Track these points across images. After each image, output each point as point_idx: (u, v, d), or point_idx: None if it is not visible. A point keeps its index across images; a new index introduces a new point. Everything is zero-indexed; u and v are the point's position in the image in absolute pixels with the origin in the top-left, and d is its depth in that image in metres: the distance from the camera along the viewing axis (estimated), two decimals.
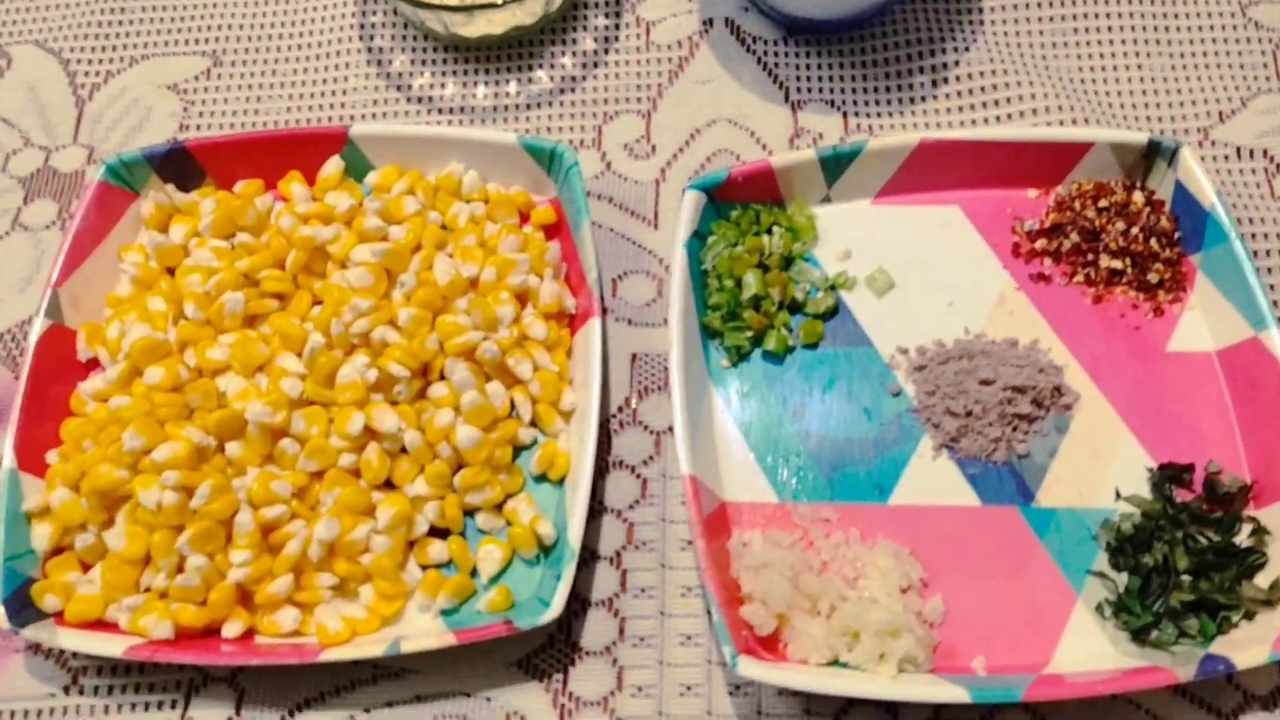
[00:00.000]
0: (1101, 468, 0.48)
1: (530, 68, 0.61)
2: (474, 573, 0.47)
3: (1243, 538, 0.46)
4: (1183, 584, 0.45)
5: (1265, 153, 0.56)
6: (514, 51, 0.62)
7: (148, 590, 0.46)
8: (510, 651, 0.46)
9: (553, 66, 0.61)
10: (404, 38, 0.63)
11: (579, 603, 0.47)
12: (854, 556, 0.46)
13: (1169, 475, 0.48)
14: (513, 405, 0.50)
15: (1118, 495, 0.48)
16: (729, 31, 0.62)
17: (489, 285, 0.51)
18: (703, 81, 0.61)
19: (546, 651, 0.46)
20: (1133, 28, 0.60)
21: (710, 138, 0.59)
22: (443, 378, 0.49)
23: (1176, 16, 0.60)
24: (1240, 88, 0.58)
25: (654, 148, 0.59)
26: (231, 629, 0.45)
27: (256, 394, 0.48)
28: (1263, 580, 0.45)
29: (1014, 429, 0.49)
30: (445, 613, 0.47)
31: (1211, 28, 0.60)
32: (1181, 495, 0.47)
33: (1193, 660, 0.42)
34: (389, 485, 0.48)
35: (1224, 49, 0.59)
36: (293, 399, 0.48)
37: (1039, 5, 0.61)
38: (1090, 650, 0.45)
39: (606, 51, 0.62)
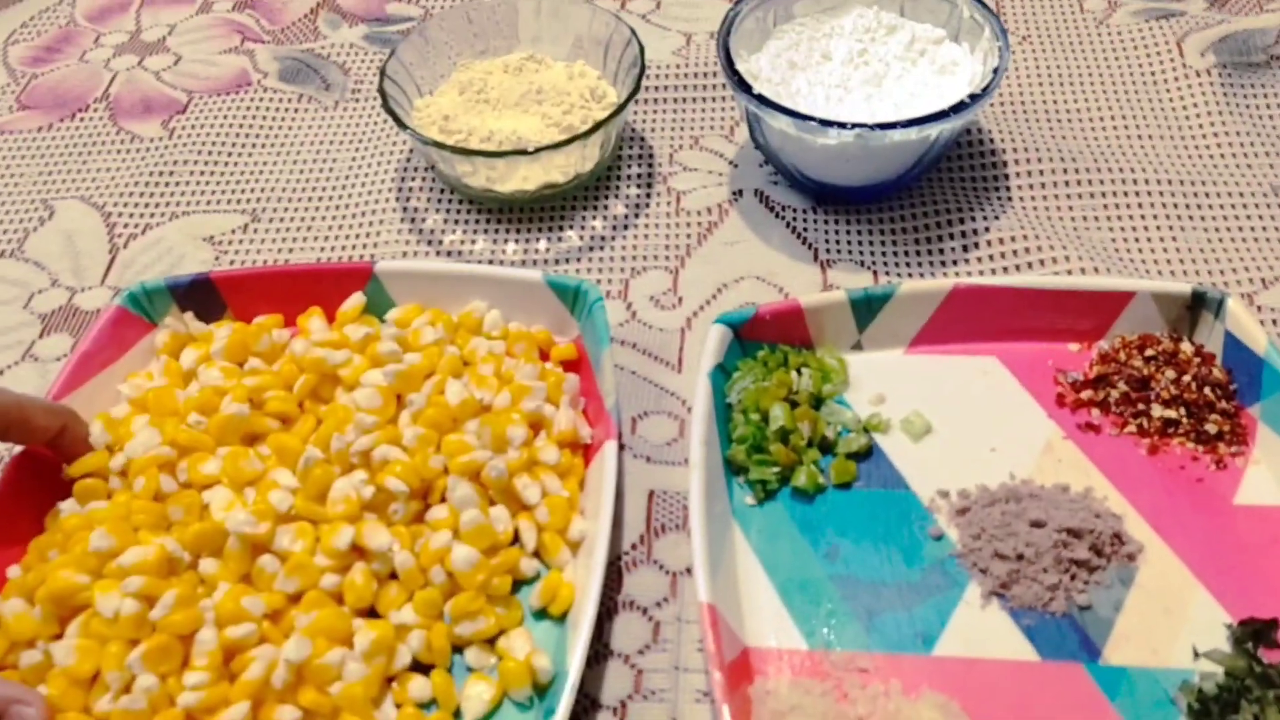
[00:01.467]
0: (1175, 624, 0.43)
1: (561, 228, 0.62)
2: (458, 715, 0.42)
3: None
4: None
5: None
6: (545, 213, 0.63)
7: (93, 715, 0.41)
8: None
9: (583, 227, 0.62)
10: (440, 200, 0.64)
11: None
12: (895, 710, 0.40)
13: (1252, 631, 0.42)
14: (517, 535, 0.46)
15: (1196, 654, 0.42)
16: (758, 200, 0.62)
17: (502, 410, 0.48)
18: (731, 243, 0.60)
19: None
20: (1164, 205, 0.60)
21: (738, 291, 0.58)
22: (444, 501, 0.46)
23: (1208, 195, 0.60)
24: None
25: (680, 299, 0.58)
26: None
27: (242, 506, 0.44)
28: None
29: (1072, 577, 0.44)
30: None
31: (1244, 205, 0.60)
32: (1268, 656, 0.41)
33: None
34: (373, 615, 0.44)
35: (1259, 224, 0.59)
36: (280, 513, 0.44)
37: (1068, 184, 0.62)
38: None
39: (637, 216, 0.62)
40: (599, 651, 0.44)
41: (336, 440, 0.46)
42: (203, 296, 0.55)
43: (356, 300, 0.54)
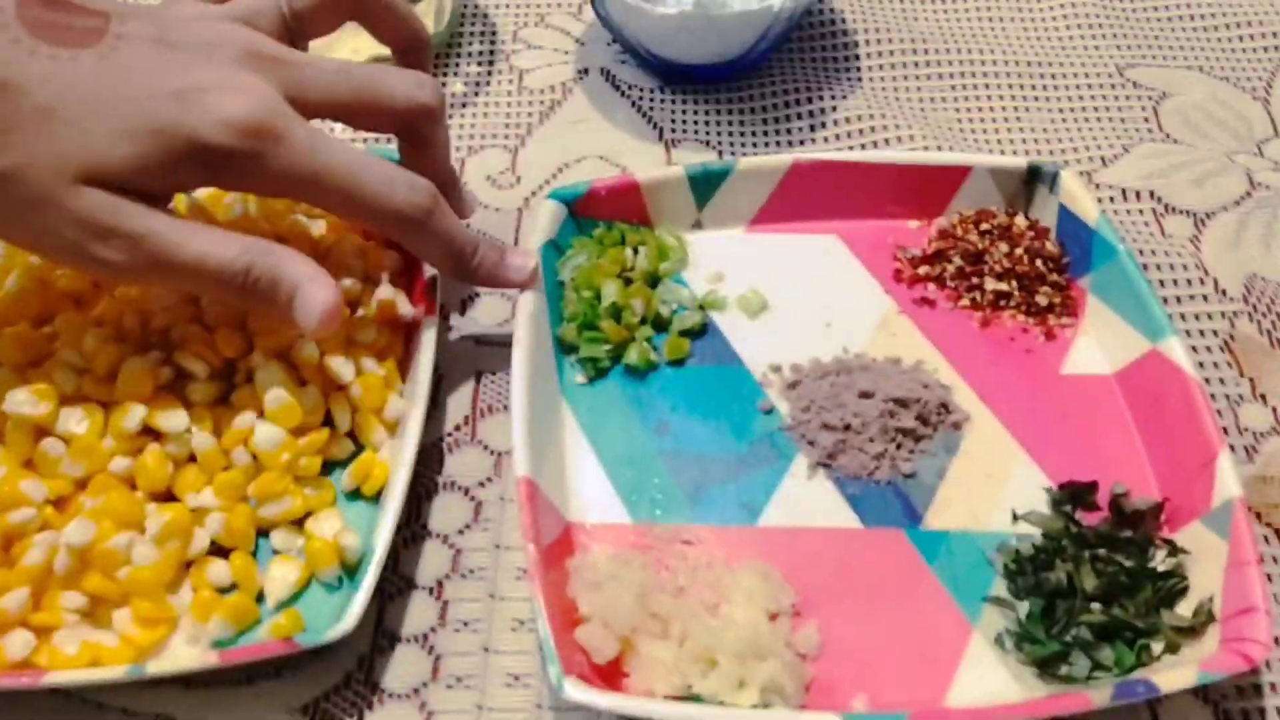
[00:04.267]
0: (996, 490, 0.43)
1: None
2: (261, 598, 0.39)
3: (1158, 562, 0.40)
4: (1092, 608, 0.38)
5: (1152, 194, 0.54)
6: None
7: None
8: (296, 694, 0.38)
9: None
10: None
11: (387, 638, 0.39)
12: (715, 579, 0.39)
13: (1071, 495, 0.42)
14: (331, 416, 0.43)
15: (1015, 517, 0.42)
16: (604, 79, 0.60)
17: None
18: (574, 122, 0.58)
19: (340, 693, 0.38)
20: (1010, 85, 0.60)
21: (579, 171, 0.55)
22: (251, 383, 0.43)
23: (1055, 76, 0.60)
24: (1122, 137, 0.57)
25: (519, 179, 0.55)
26: None
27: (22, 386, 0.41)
28: (1184, 609, 0.39)
29: (898, 446, 0.43)
30: (220, 644, 0.38)
31: (1090, 86, 0.59)
32: (1087, 520, 0.42)
33: (1109, 687, 0.35)
34: (171, 500, 0.41)
35: (1103, 105, 0.59)
36: (65, 393, 0.41)
37: (917, 64, 0.61)
38: (990, 688, 0.38)
39: (476, 94, 0.59)
40: (416, 532, 0.42)
41: (130, 319, 0.43)
42: None
43: None
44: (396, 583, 0.41)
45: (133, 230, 0.36)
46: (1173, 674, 0.35)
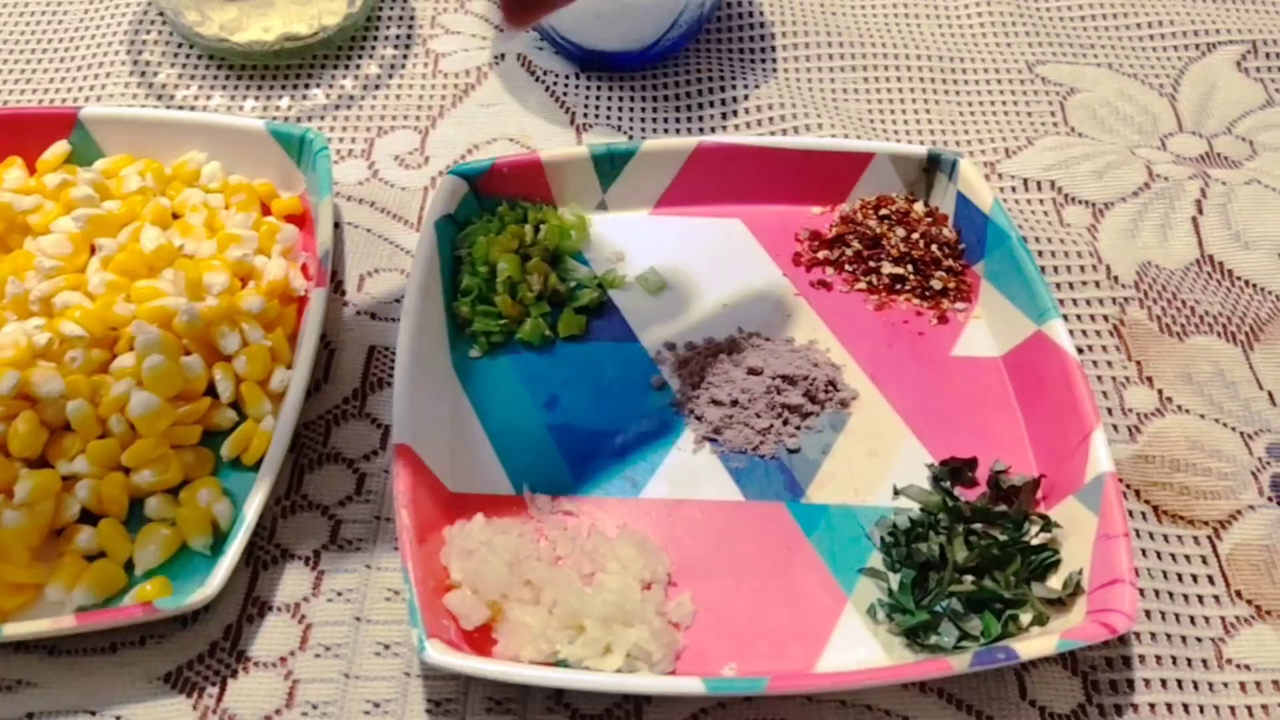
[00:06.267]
0: (880, 468, 0.43)
1: (306, 86, 0.58)
2: (132, 567, 0.39)
3: (1031, 536, 0.40)
4: (963, 579, 0.39)
5: (1053, 184, 0.55)
6: (290, 70, 0.59)
7: None
8: (159, 663, 0.37)
9: (330, 86, 0.58)
10: (175, 54, 0.59)
11: (257, 607, 0.39)
12: (593, 548, 0.39)
13: (950, 471, 0.42)
14: (214, 387, 0.43)
15: (896, 492, 0.42)
16: (520, 65, 0.60)
17: (203, 258, 0.45)
18: (487, 105, 0.58)
19: (204, 662, 0.37)
20: (921, 79, 0.60)
21: (489, 152, 0.55)
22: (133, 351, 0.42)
23: (965, 71, 0.61)
24: (1028, 130, 0.58)
25: (427, 159, 0.55)
26: None
27: None
28: (1055, 582, 0.39)
29: (784, 422, 0.44)
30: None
31: (1000, 81, 0.60)
32: (966, 496, 0.42)
33: (969, 654, 0.35)
34: (44, 466, 0.40)
35: (1011, 99, 0.59)
36: None
37: (830, 56, 0.61)
38: (860, 657, 0.38)
39: (390, 76, 0.59)
40: (296, 502, 0.42)
41: (13, 285, 0.42)
42: None
43: (59, 149, 0.50)
44: (271, 552, 0.40)
45: None
46: (1034, 642, 0.36)
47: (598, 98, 0.58)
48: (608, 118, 0.57)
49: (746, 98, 0.58)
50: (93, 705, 0.36)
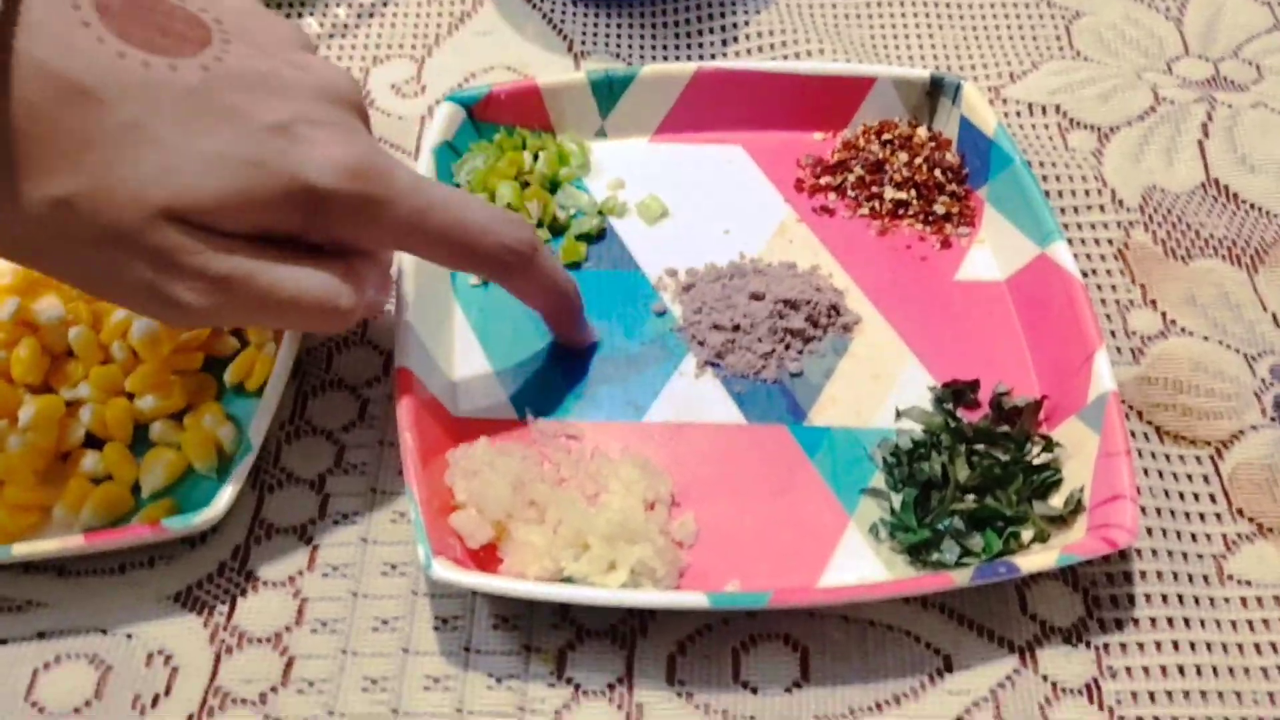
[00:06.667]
0: (883, 390, 0.43)
1: (299, 15, 0.57)
2: (139, 490, 0.39)
3: (1033, 456, 0.41)
4: (965, 498, 0.39)
5: (1058, 108, 0.54)
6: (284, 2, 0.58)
7: None
8: (168, 582, 0.38)
9: (325, 15, 0.58)
10: None
11: (264, 529, 0.39)
12: (595, 470, 0.39)
13: (953, 392, 0.42)
14: None
15: (898, 414, 0.42)
16: None
17: None
18: (483, 33, 0.57)
19: (213, 582, 0.38)
20: (925, 4, 0.59)
21: (485, 80, 0.55)
22: None
23: None
24: (1032, 54, 0.57)
25: (424, 88, 0.54)
26: None
27: None
28: (1057, 501, 0.39)
29: (786, 346, 0.44)
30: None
31: (1004, 5, 0.59)
32: (969, 417, 0.42)
33: (970, 569, 0.36)
34: (48, 392, 0.40)
35: (1016, 24, 0.58)
36: None
37: None
38: (862, 574, 0.38)
39: (385, 4, 0.58)
40: (300, 428, 0.42)
41: None
42: None
43: None
44: (277, 475, 0.40)
45: (219, 272, 0.31)
46: (1035, 557, 0.36)
47: (595, 24, 0.57)
48: (605, 45, 0.57)
49: (746, 24, 0.57)
50: (104, 624, 0.37)
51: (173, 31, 0.31)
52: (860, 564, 0.38)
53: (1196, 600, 0.39)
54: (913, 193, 0.49)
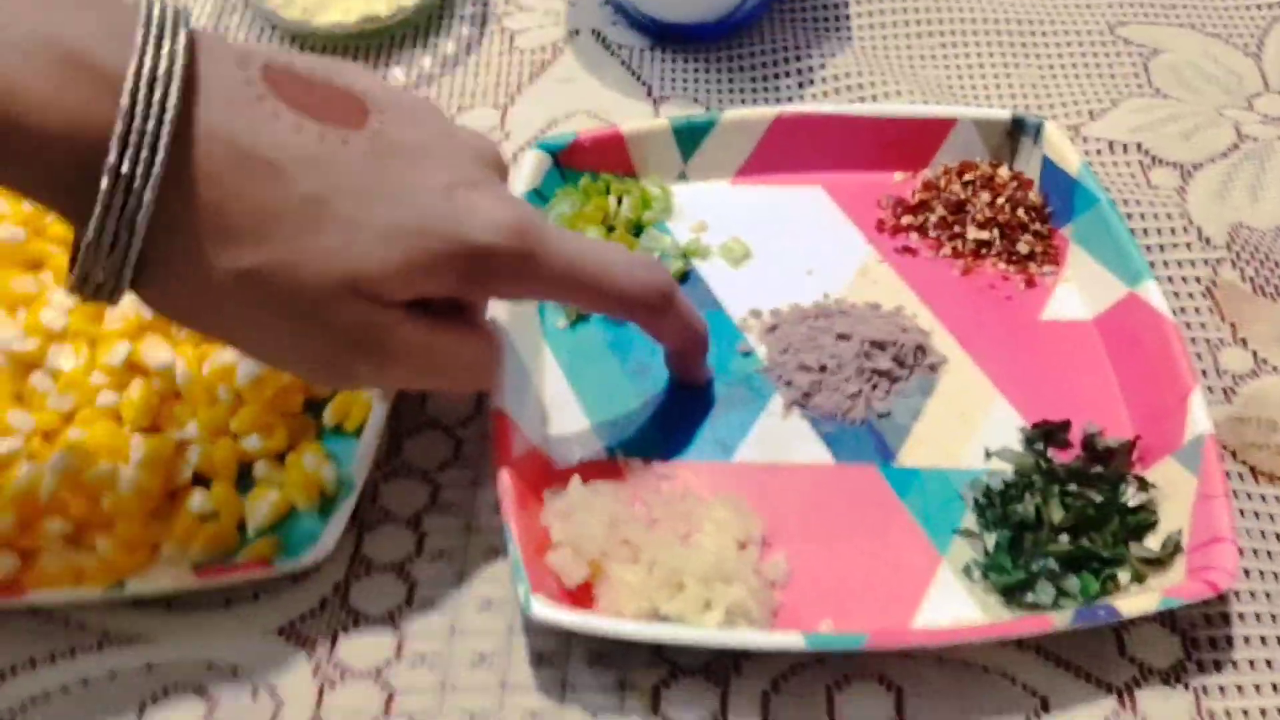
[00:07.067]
0: (971, 430, 0.43)
1: (386, 66, 0.59)
2: (244, 528, 0.40)
3: (1128, 497, 0.40)
4: (1059, 539, 0.39)
5: (1139, 146, 0.54)
6: (371, 52, 0.60)
7: None
8: (272, 617, 0.39)
9: (410, 66, 0.59)
10: (258, 38, 0.61)
11: (364, 565, 0.40)
12: (688, 510, 0.40)
13: (1044, 433, 0.42)
14: None
15: (988, 454, 0.42)
16: (595, 40, 0.60)
17: None
18: (564, 81, 0.58)
19: (316, 616, 0.39)
20: (1000, 42, 0.60)
21: (568, 127, 0.56)
22: None
23: (1045, 34, 0.60)
24: (1111, 92, 0.57)
25: (508, 134, 0.56)
26: None
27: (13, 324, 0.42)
28: (1153, 542, 0.39)
29: (873, 386, 0.44)
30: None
31: (1080, 43, 0.60)
32: (1060, 458, 0.42)
33: (1070, 611, 0.35)
34: (156, 433, 0.42)
35: (1093, 61, 0.59)
36: (53, 331, 0.42)
37: (906, 23, 0.61)
38: (956, 614, 0.38)
39: (468, 54, 0.60)
40: (396, 468, 0.43)
41: None
42: None
43: None
44: (376, 513, 0.41)
45: (400, 345, 0.32)
46: (1136, 600, 0.36)
47: (673, 70, 0.59)
48: (684, 90, 0.58)
49: (823, 66, 0.58)
50: (210, 657, 0.38)
51: (336, 105, 0.32)
52: (954, 604, 0.38)
53: None
54: (995, 232, 0.49)
